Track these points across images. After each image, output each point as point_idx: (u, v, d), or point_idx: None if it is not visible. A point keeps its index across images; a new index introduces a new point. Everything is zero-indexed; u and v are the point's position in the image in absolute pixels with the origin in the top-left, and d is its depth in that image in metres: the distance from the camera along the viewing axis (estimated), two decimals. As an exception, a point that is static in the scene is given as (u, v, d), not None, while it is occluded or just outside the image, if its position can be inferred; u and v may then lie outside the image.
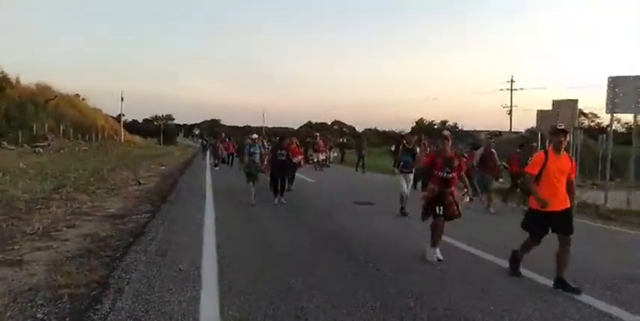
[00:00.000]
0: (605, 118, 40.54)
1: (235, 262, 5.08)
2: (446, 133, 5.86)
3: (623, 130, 34.32)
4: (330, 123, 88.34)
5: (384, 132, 66.85)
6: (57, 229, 6.51)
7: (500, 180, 11.05)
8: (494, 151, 10.30)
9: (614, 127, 13.29)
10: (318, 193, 12.02)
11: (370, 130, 74.07)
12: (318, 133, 24.25)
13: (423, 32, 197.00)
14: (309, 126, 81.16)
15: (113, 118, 52.09)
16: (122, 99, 51.32)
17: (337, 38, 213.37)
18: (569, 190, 4.68)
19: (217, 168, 19.90)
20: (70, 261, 4.99)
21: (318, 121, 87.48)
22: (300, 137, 17.70)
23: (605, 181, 11.22)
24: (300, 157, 12.04)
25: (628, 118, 27.85)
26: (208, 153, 26.83)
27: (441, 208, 5.36)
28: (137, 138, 54.47)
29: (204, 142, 31.02)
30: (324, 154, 21.72)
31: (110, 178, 13.55)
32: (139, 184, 12.58)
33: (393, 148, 12.86)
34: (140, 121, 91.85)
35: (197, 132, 57.92)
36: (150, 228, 6.81)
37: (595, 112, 43.81)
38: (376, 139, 53.24)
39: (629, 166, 12.14)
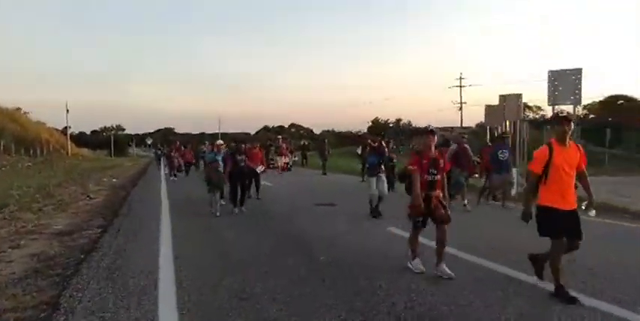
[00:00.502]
0: (548, 110, 42.72)
1: (194, 272, 4.94)
2: (432, 127, 5.01)
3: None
4: (287, 126, 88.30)
5: (341, 133, 67.48)
6: (0, 250, 6.11)
7: (475, 175, 10.51)
8: (467, 146, 9.55)
9: (555, 119, 13.99)
10: (278, 198, 11.92)
11: (328, 131, 74.59)
12: (280, 136, 23.90)
13: (373, 34, 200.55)
14: (267, 130, 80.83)
15: (58, 131, 49.80)
16: (67, 111, 49.18)
17: (290, 41, 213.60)
18: (584, 181, 4.13)
19: (173, 178, 18.70)
20: (16, 283, 4.69)
21: (275, 125, 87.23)
22: (260, 142, 17.44)
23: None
24: (261, 167, 11.01)
25: (569, 109, 29.52)
26: (162, 163, 25.99)
27: (422, 219, 4.81)
28: (85, 150, 52.33)
29: (158, 152, 29.93)
30: (286, 157, 21.39)
31: (57, 193, 12.88)
32: (89, 198, 12.05)
33: (359, 151, 12.19)
34: (88, 132, 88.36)
35: (150, 141, 55.94)
36: (102, 243, 6.53)
37: (539, 104, 46.19)
38: (334, 140, 53.62)
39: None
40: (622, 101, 43.52)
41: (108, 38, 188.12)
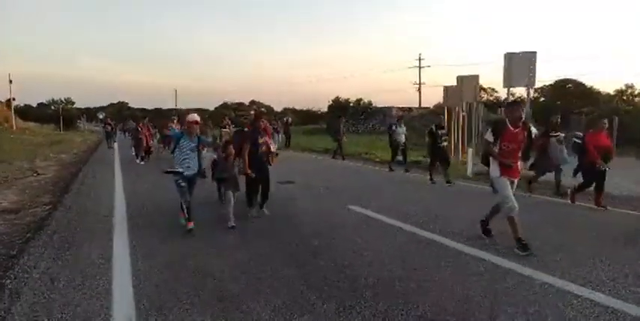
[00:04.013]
0: (502, 92, 44.04)
1: (149, 250, 4.80)
2: None
3: (518, 103, 37.53)
4: (247, 103, 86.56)
5: (302, 111, 67.00)
6: None
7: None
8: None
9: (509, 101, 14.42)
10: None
11: (288, 109, 73.80)
12: (253, 111, 16.23)
13: (333, 12, 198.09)
14: (225, 107, 78.96)
15: (1, 103, 46.54)
16: (10, 81, 45.86)
17: (250, 17, 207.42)
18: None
19: (141, 162, 14.92)
20: (-45, 264, 4.39)
21: (235, 101, 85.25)
22: (217, 120, 14.48)
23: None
24: (268, 142, 6.72)
25: (521, 91, 30.54)
26: (113, 141, 23.16)
27: None
28: (32, 124, 49.27)
29: (108, 128, 23.52)
30: (270, 140, 16.36)
31: (1, 169, 12.12)
32: (37, 174, 11.43)
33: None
34: (35, 105, 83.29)
35: (102, 116, 53.31)
36: (51, 221, 6.22)
37: (493, 86, 47.49)
38: (295, 117, 52.74)
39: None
40: (570, 85, 45.42)
41: (57, 9, 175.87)
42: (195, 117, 5.92)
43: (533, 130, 5.00)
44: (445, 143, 10.67)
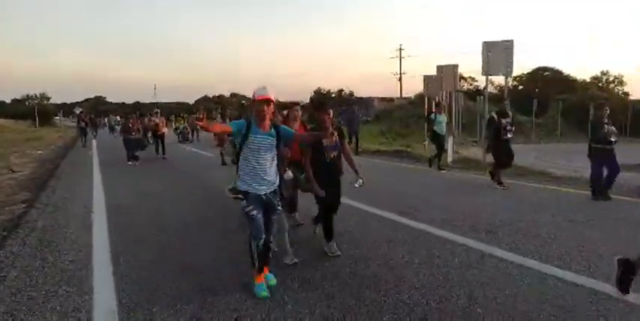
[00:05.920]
0: (481, 81, 44.49)
1: (128, 242, 4.77)
2: None
3: (496, 91, 37.94)
4: (228, 95, 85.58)
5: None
6: None
7: None
8: None
9: (488, 90, 14.61)
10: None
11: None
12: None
13: (313, 2, 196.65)
14: (206, 99, 77.99)
15: (-29, 99, 45.12)
16: (-20, 77, 44.49)
17: (226, 9, 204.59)
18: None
19: (133, 162, 12.97)
20: None
21: (215, 94, 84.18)
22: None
23: (483, 139, 12.35)
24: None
25: (500, 80, 30.93)
26: (90, 138, 22.10)
27: None
28: (3, 121, 47.99)
29: (83, 123, 21.79)
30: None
31: (-26, 167, 11.81)
32: (12, 171, 11.16)
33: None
34: (8, 102, 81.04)
35: (78, 111, 52.12)
36: (28, 218, 6.10)
37: (473, 75, 47.95)
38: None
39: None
40: (548, 73, 46.18)
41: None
42: (267, 92, 3.38)
43: None
44: (510, 135, 8.20)
